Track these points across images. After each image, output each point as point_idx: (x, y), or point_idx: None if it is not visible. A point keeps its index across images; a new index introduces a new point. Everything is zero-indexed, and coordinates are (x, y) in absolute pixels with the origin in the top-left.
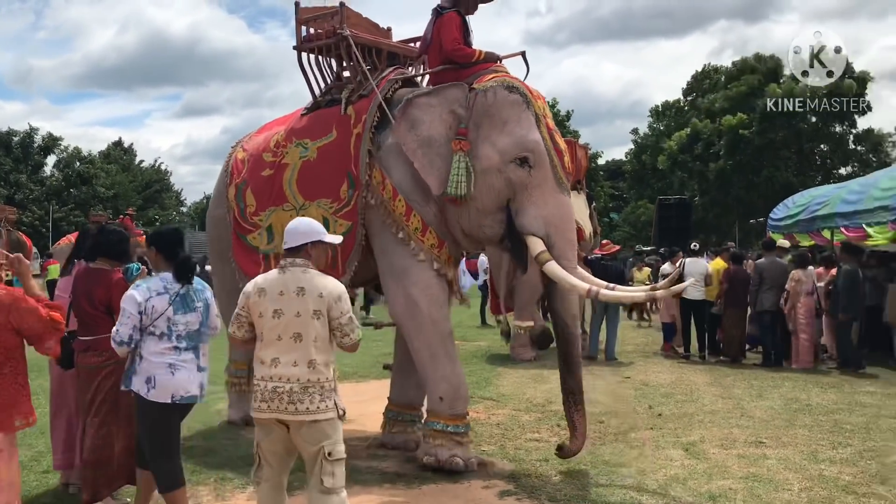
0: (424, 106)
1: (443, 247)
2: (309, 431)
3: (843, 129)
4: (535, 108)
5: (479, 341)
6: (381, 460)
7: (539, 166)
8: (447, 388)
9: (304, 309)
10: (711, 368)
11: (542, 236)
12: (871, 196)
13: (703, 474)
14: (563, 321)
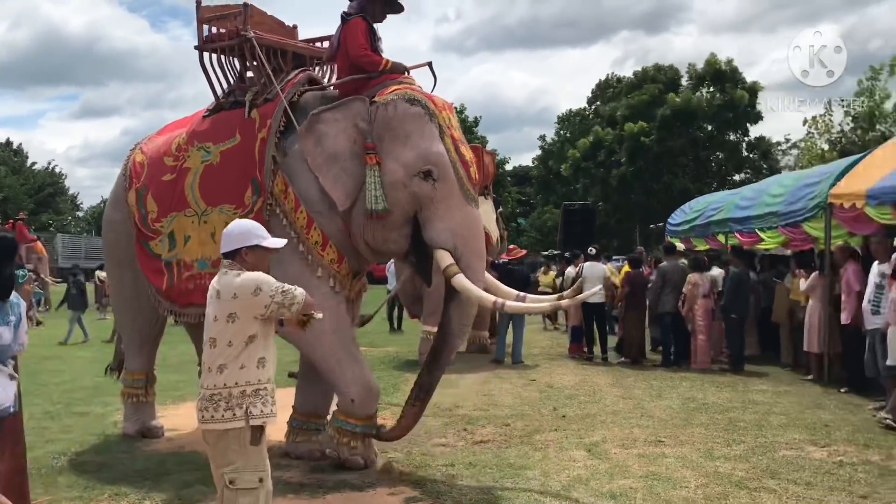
0: (329, 121)
1: (342, 262)
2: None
3: (736, 138)
4: (439, 119)
5: (387, 347)
6: (284, 470)
7: (444, 179)
8: (359, 390)
9: (221, 313)
10: (613, 370)
11: (449, 249)
12: (762, 202)
13: (605, 474)
14: (451, 327)
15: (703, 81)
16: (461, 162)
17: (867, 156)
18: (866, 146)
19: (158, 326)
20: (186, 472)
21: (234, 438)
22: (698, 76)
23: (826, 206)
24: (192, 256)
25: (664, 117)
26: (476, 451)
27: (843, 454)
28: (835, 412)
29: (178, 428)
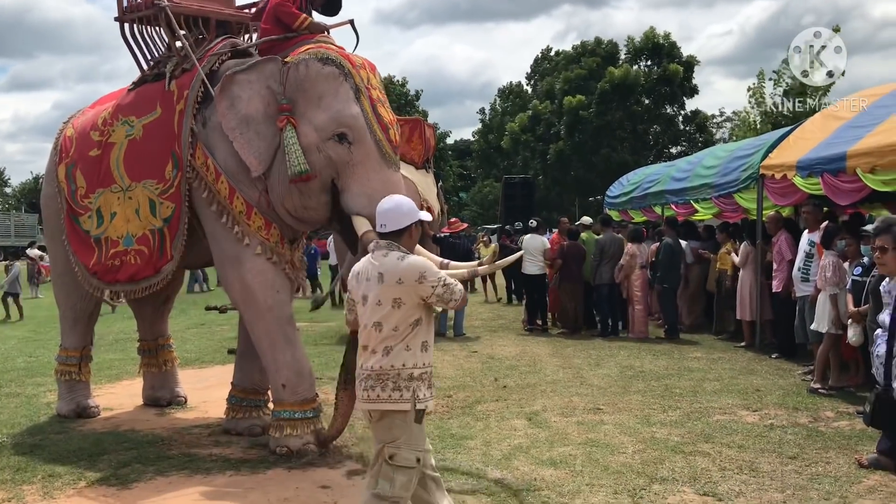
0: (243, 82)
1: (270, 228)
2: (377, 423)
3: (673, 111)
4: (356, 79)
5: (329, 322)
6: (224, 447)
7: (359, 142)
8: (289, 375)
9: (385, 296)
10: (553, 340)
11: (367, 215)
12: (696, 174)
13: (545, 442)
14: None
15: (640, 55)
16: (379, 124)
17: (797, 128)
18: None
19: (94, 303)
20: (123, 451)
21: (399, 416)
22: (636, 50)
23: (758, 178)
24: (118, 233)
25: (602, 91)
26: None
27: (773, 417)
28: (766, 377)
29: (114, 407)
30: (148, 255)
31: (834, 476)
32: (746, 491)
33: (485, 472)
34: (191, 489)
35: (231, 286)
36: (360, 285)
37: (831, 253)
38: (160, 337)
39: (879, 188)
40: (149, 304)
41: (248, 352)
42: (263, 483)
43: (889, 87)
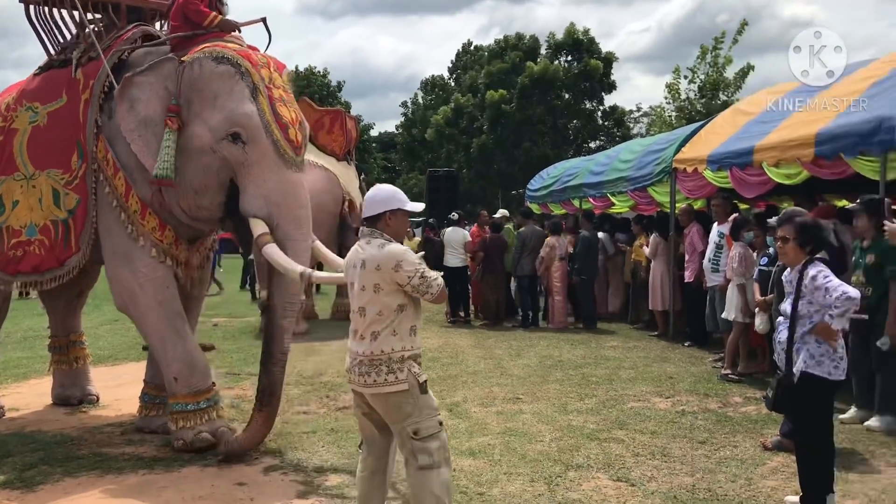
0: (142, 84)
1: (165, 230)
2: (385, 407)
3: (592, 106)
4: (253, 78)
5: (248, 317)
6: (137, 445)
7: (254, 142)
8: (180, 367)
9: (368, 282)
10: (475, 332)
11: (263, 217)
12: (613, 168)
13: (465, 432)
14: (274, 310)
15: (560, 51)
16: (277, 123)
17: (708, 123)
18: (710, 114)
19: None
20: (29, 452)
21: (403, 396)
22: (557, 45)
23: (671, 171)
24: (20, 222)
25: (523, 86)
26: (338, 416)
27: (685, 404)
28: (678, 365)
29: (20, 407)
30: (50, 246)
31: (740, 459)
32: (658, 476)
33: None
34: (101, 490)
35: (118, 282)
36: (348, 272)
37: (739, 244)
38: (72, 333)
39: (783, 181)
40: (61, 298)
41: None
42: (178, 481)
43: (794, 84)
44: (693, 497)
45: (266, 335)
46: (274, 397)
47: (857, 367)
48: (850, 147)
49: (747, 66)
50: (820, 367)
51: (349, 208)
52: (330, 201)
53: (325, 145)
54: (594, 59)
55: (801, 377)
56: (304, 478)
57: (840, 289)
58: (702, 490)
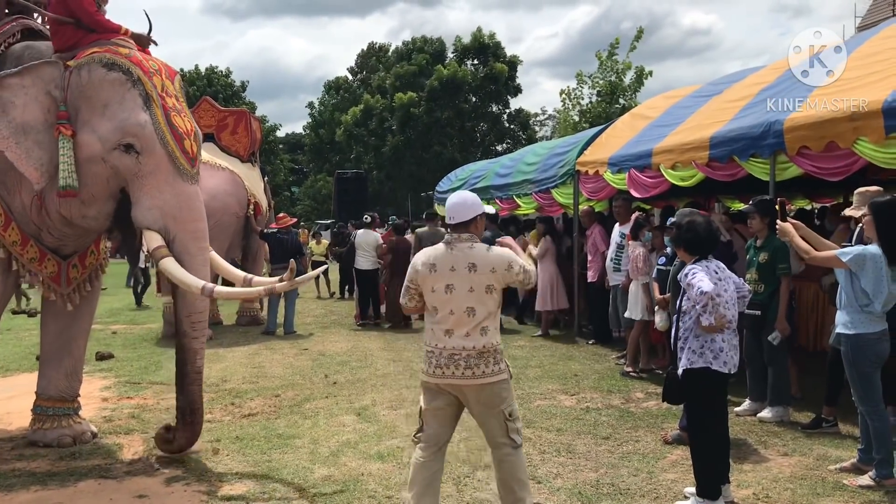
0: (16, 87)
1: (27, 244)
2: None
3: (498, 109)
4: (146, 86)
5: (148, 324)
6: (29, 460)
7: (148, 152)
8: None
9: (479, 284)
10: (384, 334)
11: (158, 229)
12: (518, 170)
13: (374, 436)
14: (181, 328)
15: (467, 54)
16: (172, 134)
17: (609, 126)
18: (610, 117)
19: None
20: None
21: (505, 383)
22: (464, 49)
23: (574, 174)
24: None
25: (432, 88)
26: (243, 424)
27: (589, 401)
28: (583, 363)
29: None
30: None
31: (642, 453)
32: (563, 472)
33: (311, 470)
34: None
35: None
36: (438, 275)
37: (638, 243)
38: None
39: (677, 183)
40: None
41: (52, 358)
42: (74, 497)
43: (690, 88)
44: (597, 492)
45: (178, 356)
46: (196, 413)
47: (751, 361)
48: (742, 150)
49: (643, 71)
50: (702, 359)
51: (254, 211)
52: (234, 203)
53: (229, 146)
54: (499, 62)
55: (685, 372)
56: (208, 487)
57: (697, 285)
58: (605, 485)
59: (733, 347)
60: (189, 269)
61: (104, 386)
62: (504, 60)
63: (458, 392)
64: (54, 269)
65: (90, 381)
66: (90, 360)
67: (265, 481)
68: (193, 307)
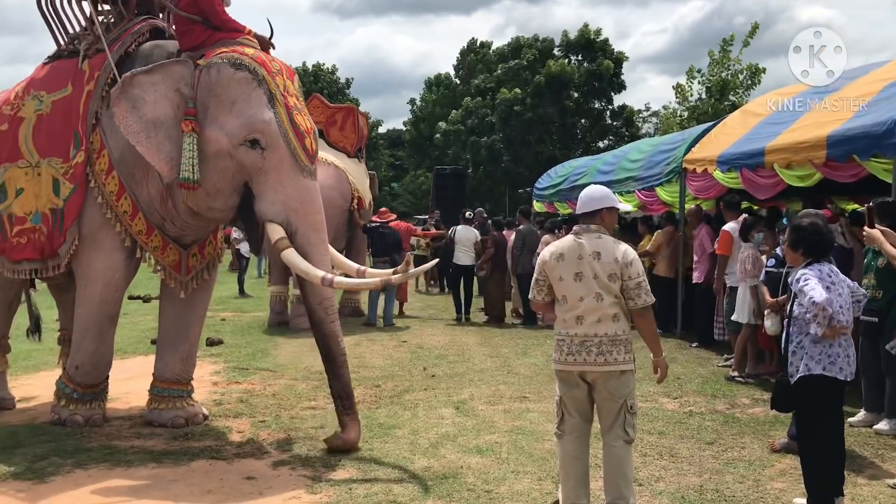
0: (146, 84)
1: (152, 233)
2: (616, 383)
3: (601, 106)
4: (270, 85)
5: (256, 312)
6: (146, 439)
7: (272, 148)
8: (85, 362)
9: (602, 272)
10: (482, 330)
11: (280, 222)
12: (621, 167)
13: (472, 430)
14: (317, 316)
15: (573, 50)
16: (294, 131)
17: (718, 123)
18: (718, 114)
19: (14, 291)
20: (40, 444)
21: (630, 373)
22: (569, 45)
23: (680, 171)
24: (25, 209)
25: (537, 85)
26: None
27: (692, 405)
28: (686, 366)
29: (31, 399)
30: (48, 233)
31: (748, 460)
32: (666, 476)
33: (412, 460)
34: (111, 482)
35: (82, 264)
36: (566, 265)
37: (749, 245)
38: None
39: (795, 183)
40: (69, 292)
41: (169, 342)
42: (187, 475)
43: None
44: (701, 497)
45: (321, 344)
46: (351, 397)
47: (867, 370)
48: (863, 149)
49: (756, 68)
50: (819, 366)
51: (358, 205)
52: (338, 197)
53: (336, 142)
54: (606, 59)
55: (800, 379)
56: (313, 472)
57: (809, 293)
58: (710, 491)
59: (849, 354)
60: (311, 259)
61: (214, 371)
62: (611, 57)
63: (587, 378)
64: (175, 257)
65: (201, 365)
66: (201, 345)
67: (367, 469)
68: (322, 293)
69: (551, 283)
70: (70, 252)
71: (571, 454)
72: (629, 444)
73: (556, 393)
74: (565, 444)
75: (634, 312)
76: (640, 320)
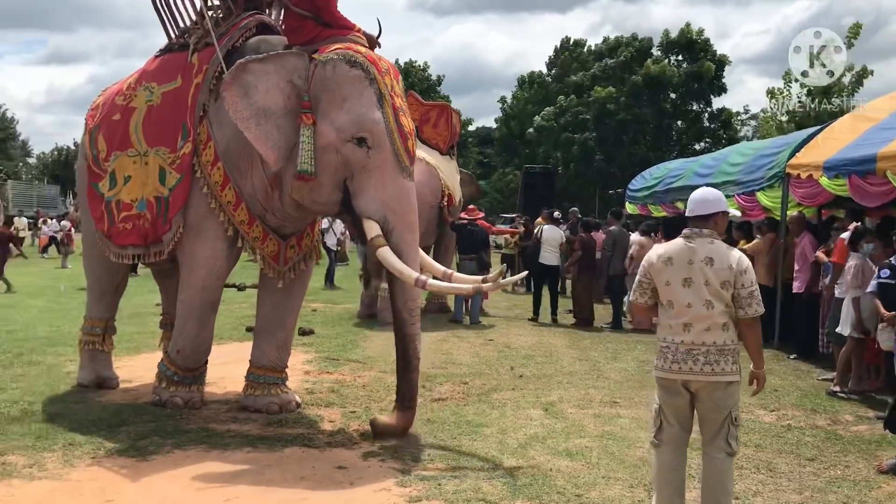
0: (259, 73)
1: (253, 224)
2: (722, 394)
3: (699, 108)
4: (380, 85)
5: (346, 304)
6: (242, 423)
7: (378, 148)
8: (186, 346)
9: (714, 278)
10: (570, 332)
11: (378, 220)
12: (721, 170)
13: (562, 433)
14: (401, 316)
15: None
16: (399, 132)
17: (825, 128)
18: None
19: (120, 275)
20: (142, 423)
21: (736, 384)
22: (669, 44)
23: (783, 177)
24: (131, 196)
25: (634, 84)
26: (434, 408)
27: (791, 418)
28: (784, 378)
29: (133, 379)
30: (152, 220)
31: (853, 480)
32: (764, 491)
33: (500, 459)
34: (208, 464)
35: (186, 252)
36: (675, 269)
37: (857, 255)
38: None
39: None
40: (173, 277)
41: (266, 330)
42: (281, 461)
43: None
44: None
45: (399, 344)
46: (414, 399)
47: None
48: None
49: (863, 70)
50: None
51: (448, 202)
52: (429, 193)
53: (430, 139)
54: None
55: None
56: (402, 465)
57: None
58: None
59: None
60: (403, 259)
61: (306, 360)
62: (713, 58)
63: (690, 387)
64: (274, 248)
65: (293, 354)
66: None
67: (456, 466)
68: (409, 294)
69: (656, 286)
70: (174, 240)
71: (668, 464)
72: (731, 456)
73: (654, 401)
74: (662, 454)
75: (743, 322)
76: (748, 330)
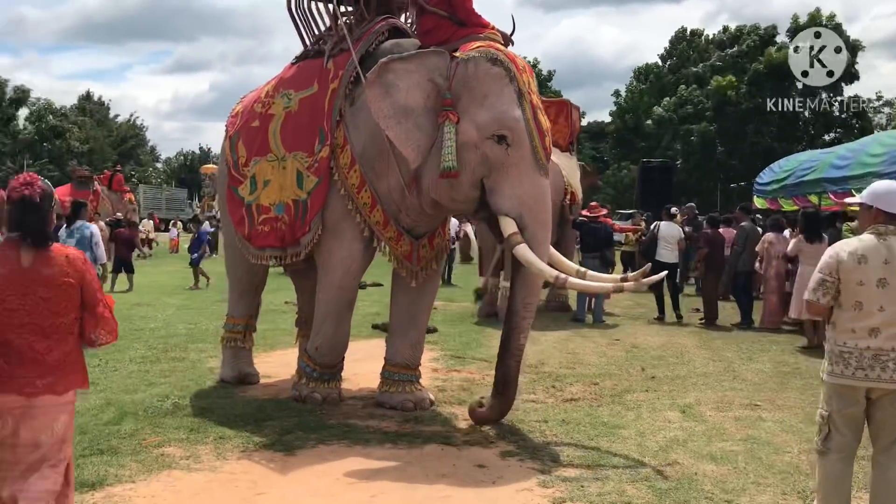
0: (401, 71)
1: (388, 224)
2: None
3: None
4: (519, 83)
5: (465, 302)
6: (380, 420)
7: (517, 145)
8: (324, 343)
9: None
10: (699, 331)
11: (514, 217)
12: (859, 161)
13: (703, 436)
14: (516, 306)
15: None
16: (537, 130)
17: None
18: None
19: (259, 275)
20: (286, 417)
21: None
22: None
23: None
24: (270, 200)
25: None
26: (567, 408)
27: None
28: None
29: (271, 375)
30: (290, 223)
31: None
32: None
33: (642, 462)
34: (352, 459)
35: (324, 253)
36: (870, 269)
37: None
38: None
39: None
40: (308, 278)
41: (399, 329)
42: (421, 458)
43: None
44: None
45: (505, 331)
46: (508, 387)
47: None
48: None
49: None
50: None
51: (570, 200)
52: (553, 192)
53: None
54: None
55: None
56: (541, 465)
57: None
58: None
59: None
60: (537, 256)
61: (432, 358)
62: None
63: (872, 395)
64: (407, 248)
65: None
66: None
67: (597, 468)
68: (530, 291)
69: (842, 286)
70: (313, 241)
71: (835, 474)
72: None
73: (822, 407)
74: (829, 463)
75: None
76: None
